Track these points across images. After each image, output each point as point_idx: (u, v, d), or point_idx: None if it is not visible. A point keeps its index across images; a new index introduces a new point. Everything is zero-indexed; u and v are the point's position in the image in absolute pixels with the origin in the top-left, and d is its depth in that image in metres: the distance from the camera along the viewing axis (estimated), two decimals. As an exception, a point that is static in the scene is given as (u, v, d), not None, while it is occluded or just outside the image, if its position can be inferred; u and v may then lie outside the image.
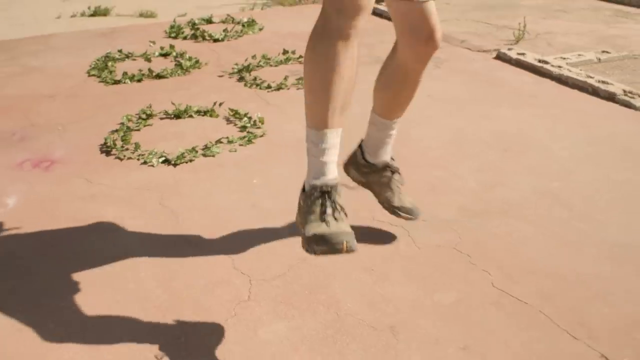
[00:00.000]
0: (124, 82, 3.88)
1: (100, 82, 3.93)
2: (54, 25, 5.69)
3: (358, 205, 2.30)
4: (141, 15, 6.10)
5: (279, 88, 3.75)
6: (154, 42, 4.67)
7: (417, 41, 1.94)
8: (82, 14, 6.13)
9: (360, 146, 2.22)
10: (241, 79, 3.92)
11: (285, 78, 3.84)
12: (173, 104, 3.41)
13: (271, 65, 4.19)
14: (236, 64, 4.15)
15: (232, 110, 3.33)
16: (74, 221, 2.37)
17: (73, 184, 2.67)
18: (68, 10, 6.30)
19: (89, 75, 4.06)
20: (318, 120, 1.63)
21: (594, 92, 3.65)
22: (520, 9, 5.95)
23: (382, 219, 2.32)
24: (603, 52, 4.42)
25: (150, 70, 3.99)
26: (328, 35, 1.57)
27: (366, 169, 2.19)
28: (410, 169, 2.43)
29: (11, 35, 5.20)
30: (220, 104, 3.43)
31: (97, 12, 6.19)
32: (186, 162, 2.82)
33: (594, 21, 5.60)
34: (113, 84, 3.88)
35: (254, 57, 4.31)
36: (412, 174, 2.44)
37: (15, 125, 3.29)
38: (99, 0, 6.44)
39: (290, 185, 2.39)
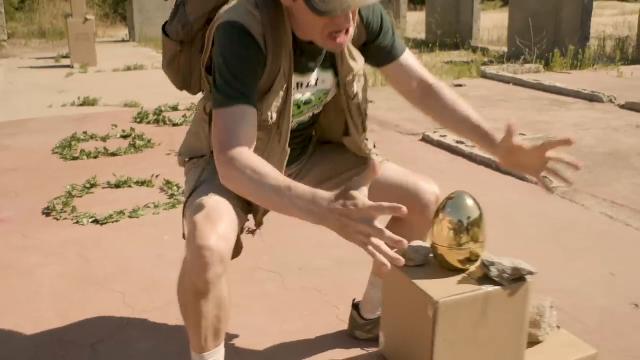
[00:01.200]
0: (81, 159, 4.38)
1: (60, 158, 4.43)
2: (42, 113, 6.27)
3: (245, 253, 2.69)
4: (126, 105, 6.65)
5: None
6: (116, 126, 5.20)
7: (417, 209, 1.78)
8: (72, 104, 6.72)
9: (356, 308, 2.18)
10: (187, 156, 4.40)
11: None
12: (114, 175, 3.88)
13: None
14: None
15: (166, 181, 3.79)
16: (2, 266, 2.78)
17: (11, 238, 3.09)
18: (61, 100, 6.90)
19: (53, 153, 4.57)
20: (195, 345, 1.60)
21: (497, 167, 4.09)
22: (464, 99, 6.48)
23: (263, 267, 2.71)
24: (520, 134, 4.89)
25: (106, 148, 4.50)
26: (187, 288, 1.51)
27: (369, 325, 2.16)
28: (302, 230, 2.84)
29: (-2, 120, 5.77)
30: (157, 176, 3.89)
31: (86, 102, 6.77)
32: (112, 222, 3.25)
33: (528, 109, 6.12)
34: (72, 160, 4.38)
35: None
36: (301, 232, 2.84)
37: (-25, 193, 3.75)
38: (91, 91, 7.06)
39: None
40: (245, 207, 1.69)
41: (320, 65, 1.67)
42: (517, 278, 1.41)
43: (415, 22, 15.62)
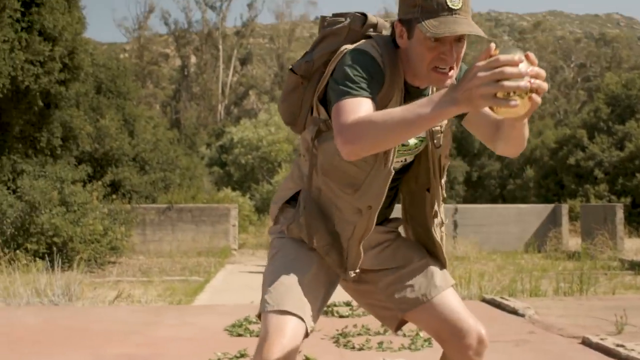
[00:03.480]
0: (245, 336, 4.84)
1: (228, 334, 4.93)
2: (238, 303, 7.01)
3: None
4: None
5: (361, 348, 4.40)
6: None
7: (464, 347, 1.90)
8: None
9: None
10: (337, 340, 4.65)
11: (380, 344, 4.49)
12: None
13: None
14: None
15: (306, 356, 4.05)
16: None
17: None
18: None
19: (224, 330, 5.10)
20: None
21: (653, 372, 3.73)
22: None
23: None
24: None
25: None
26: None
27: None
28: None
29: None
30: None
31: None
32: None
33: None
34: (236, 335, 4.85)
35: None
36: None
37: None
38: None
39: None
40: (327, 273, 1.93)
41: None
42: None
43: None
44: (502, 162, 33.74)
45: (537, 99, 1.43)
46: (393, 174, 1.89)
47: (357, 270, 1.97)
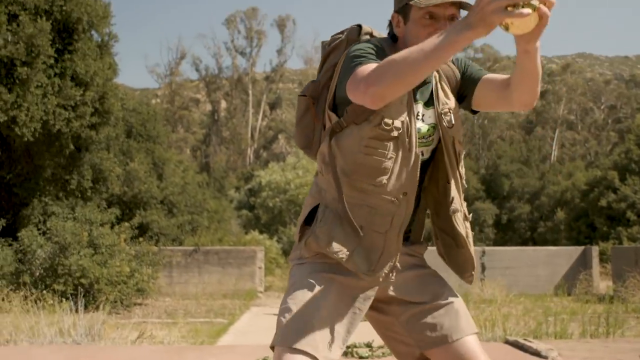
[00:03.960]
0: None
1: (244, 373, 4.91)
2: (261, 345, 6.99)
3: None
4: None
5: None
6: None
7: None
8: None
9: None
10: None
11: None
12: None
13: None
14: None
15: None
16: None
17: None
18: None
19: (241, 369, 5.08)
20: None
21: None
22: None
23: None
24: None
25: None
26: None
27: None
28: None
29: None
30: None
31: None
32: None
33: None
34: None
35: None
36: None
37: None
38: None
39: None
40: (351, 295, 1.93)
41: (424, 103, 1.99)
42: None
43: None
44: (532, 204, 33.39)
45: (546, 11, 1.52)
46: (420, 158, 1.93)
47: (394, 271, 1.98)
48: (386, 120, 1.87)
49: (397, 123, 1.88)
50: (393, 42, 1.97)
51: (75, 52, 12.72)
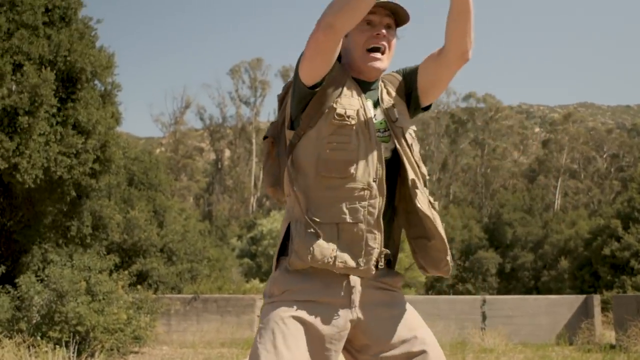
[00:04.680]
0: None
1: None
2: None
3: None
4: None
5: None
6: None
7: None
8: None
9: None
10: None
11: None
12: None
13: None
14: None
15: None
16: None
17: None
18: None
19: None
20: None
21: None
22: None
23: None
24: None
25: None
26: None
27: None
28: None
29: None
30: None
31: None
32: None
33: None
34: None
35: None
36: None
37: None
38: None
39: None
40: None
41: (373, 104, 2.14)
42: None
43: None
44: (535, 253, 33.21)
45: None
46: (382, 147, 2.04)
47: (383, 258, 2.03)
48: (338, 111, 2.00)
49: (350, 112, 2.01)
50: (339, 62, 2.10)
51: (77, 101, 12.91)
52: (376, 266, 2.03)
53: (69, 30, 12.82)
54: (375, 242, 2.00)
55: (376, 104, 2.14)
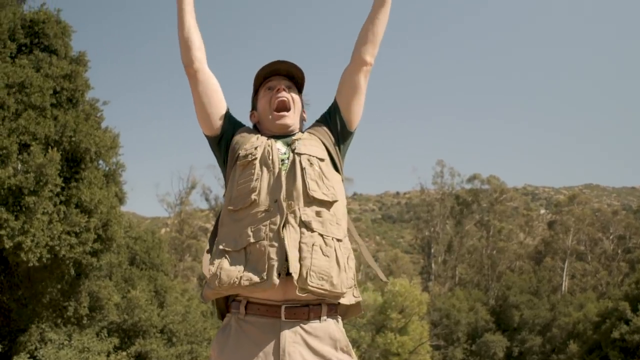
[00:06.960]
0: None
1: None
2: None
3: None
4: None
5: None
6: None
7: None
8: None
9: None
10: None
11: None
12: None
13: None
14: None
15: None
16: None
17: None
18: None
19: None
20: None
21: None
22: None
23: None
24: None
25: None
26: None
27: None
28: None
29: None
30: None
31: None
32: None
33: None
34: None
35: None
36: None
37: None
38: None
39: None
40: None
41: (284, 144, 2.37)
42: None
43: None
44: (543, 336, 32.53)
45: None
46: (283, 173, 2.21)
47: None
48: (241, 154, 2.25)
49: (251, 150, 2.24)
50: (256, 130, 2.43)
51: (81, 180, 13.08)
52: (279, 275, 2.09)
53: (75, 112, 13.14)
54: (276, 254, 2.10)
55: (286, 143, 2.35)
